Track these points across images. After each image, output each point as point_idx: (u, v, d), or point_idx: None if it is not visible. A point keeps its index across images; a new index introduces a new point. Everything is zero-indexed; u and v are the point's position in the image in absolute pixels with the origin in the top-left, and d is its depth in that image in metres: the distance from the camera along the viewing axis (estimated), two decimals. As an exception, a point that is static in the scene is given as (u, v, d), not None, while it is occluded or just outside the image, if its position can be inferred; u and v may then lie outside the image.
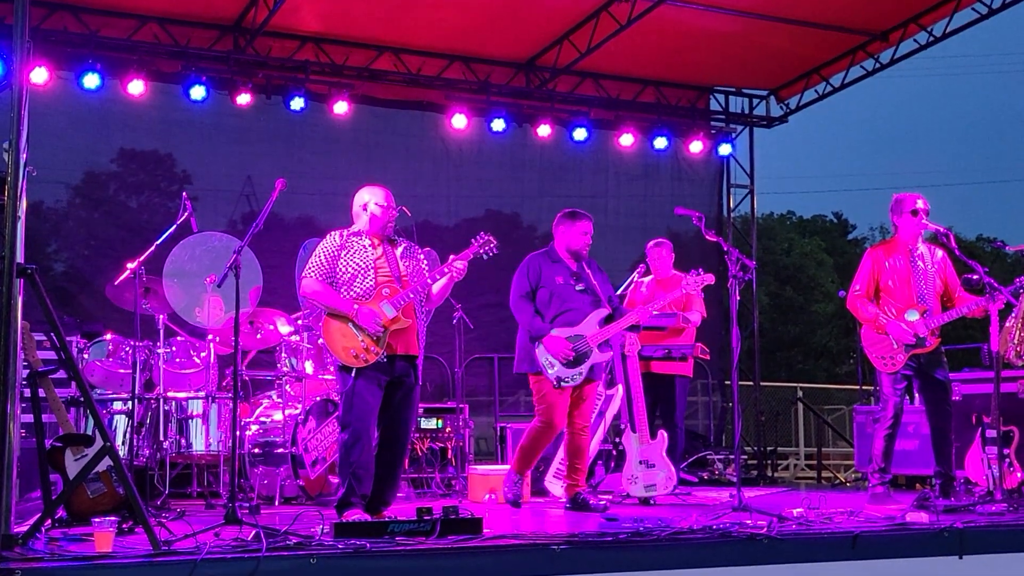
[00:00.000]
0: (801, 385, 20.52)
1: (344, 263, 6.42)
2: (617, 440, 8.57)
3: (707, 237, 7.14)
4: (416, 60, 11.67)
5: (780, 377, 28.91)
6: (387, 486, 6.35)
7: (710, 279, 7.69)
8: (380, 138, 11.82)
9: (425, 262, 6.65)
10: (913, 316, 7.47)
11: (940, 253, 7.75)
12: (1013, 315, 7.73)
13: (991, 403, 7.29)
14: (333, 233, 6.56)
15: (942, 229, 7.50)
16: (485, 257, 6.60)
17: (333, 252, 6.45)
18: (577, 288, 7.52)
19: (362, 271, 6.40)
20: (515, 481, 7.72)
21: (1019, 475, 7.65)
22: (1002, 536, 5.93)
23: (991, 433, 7.43)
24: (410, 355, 6.43)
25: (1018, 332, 7.71)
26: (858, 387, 11.76)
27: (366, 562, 4.71)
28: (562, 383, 7.35)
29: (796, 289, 36.19)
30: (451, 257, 6.50)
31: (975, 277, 7.37)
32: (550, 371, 7.35)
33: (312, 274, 6.45)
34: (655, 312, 8.04)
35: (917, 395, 7.87)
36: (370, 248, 6.47)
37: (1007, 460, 7.55)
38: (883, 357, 7.55)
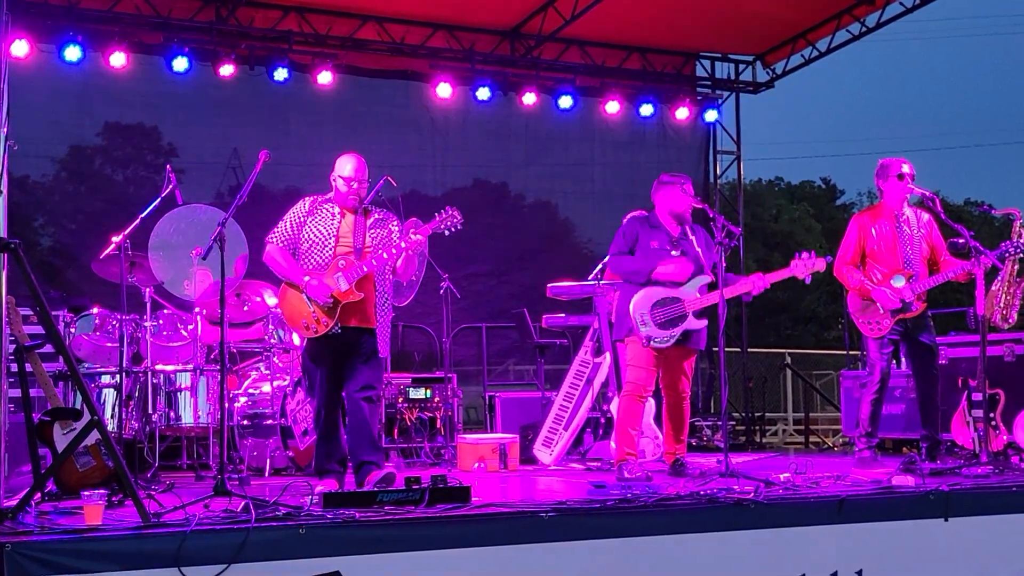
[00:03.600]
0: (789, 351, 20.55)
1: (308, 231, 6.50)
2: (605, 408, 8.62)
3: (692, 203, 7.16)
4: (400, 29, 11.60)
5: (769, 343, 28.95)
6: (362, 451, 6.34)
7: (820, 265, 7.10)
8: (365, 108, 11.78)
9: (397, 235, 6.60)
10: (899, 281, 7.51)
11: (926, 217, 7.78)
12: (999, 279, 7.79)
13: (977, 366, 7.33)
14: (304, 199, 6.62)
15: (928, 193, 7.54)
16: (447, 232, 6.49)
17: (299, 219, 6.54)
18: (673, 253, 7.30)
19: (322, 241, 6.47)
20: (625, 460, 7.23)
21: (1005, 438, 7.71)
22: (987, 498, 6.01)
23: (977, 396, 7.48)
24: (366, 327, 6.46)
25: (1004, 295, 7.77)
26: (845, 352, 11.83)
27: (355, 531, 4.76)
28: (652, 342, 7.12)
29: (784, 255, 36.21)
30: (410, 229, 6.47)
31: (961, 241, 7.42)
32: (642, 329, 7.12)
33: (275, 240, 6.56)
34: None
35: (904, 359, 7.92)
36: (337, 217, 6.52)
37: (993, 423, 7.60)
38: (869, 322, 7.60)
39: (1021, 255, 7.54)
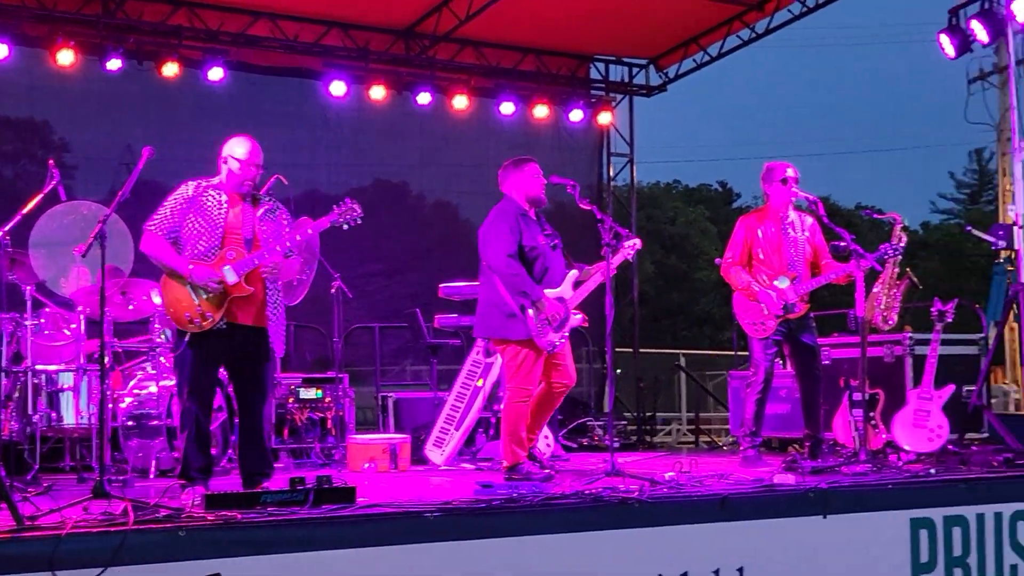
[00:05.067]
0: (684, 352, 20.83)
1: (192, 219, 6.08)
2: (496, 408, 8.65)
3: (580, 205, 7.20)
4: (293, 26, 11.50)
5: (664, 344, 29.36)
6: (253, 458, 6.18)
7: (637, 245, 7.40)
8: (257, 105, 11.64)
9: (288, 228, 6.30)
10: (783, 283, 7.67)
11: (810, 221, 7.96)
12: (880, 281, 7.99)
13: (858, 367, 7.52)
14: (187, 184, 6.20)
15: (812, 197, 7.71)
16: (347, 226, 6.27)
17: (181, 206, 6.12)
18: (552, 246, 7.21)
19: (208, 230, 6.08)
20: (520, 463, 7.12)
21: (884, 436, 7.91)
22: (864, 495, 6.15)
23: (857, 396, 7.66)
24: (258, 327, 6.12)
25: (884, 298, 7.98)
26: (734, 353, 12.03)
27: (237, 533, 4.71)
28: (554, 348, 7.04)
29: (680, 257, 36.79)
30: (303, 222, 6.25)
31: (842, 244, 7.59)
32: (549, 336, 7.02)
33: (153, 228, 6.10)
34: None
35: (789, 360, 8.10)
36: (225, 205, 6.13)
37: (872, 422, 7.81)
38: (754, 323, 7.75)
39: (900, 258, 7.75)
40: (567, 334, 7.20)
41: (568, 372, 7.25)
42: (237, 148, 6.24)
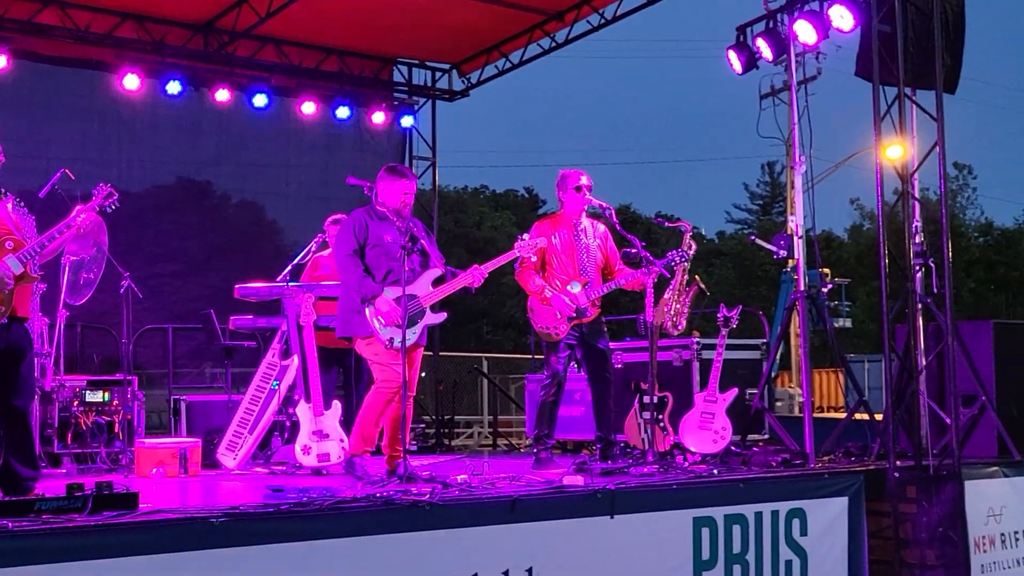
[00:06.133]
0: (487, 355, 21.05)
1: None
2: (291, 411, 8.55)
3: (377, 208, 7.19)
4: (84, 16, 11.10)
5: (469, 347, 29.54)
6: (23, 467, 5.90)
7: (542, 243, 7.68)
8: (45, 96, 11.19)
9: (33, 220, 6.13)
10: (575, 288, 7.83)
11: (602, 228, 8.15)
12: (670, 287, 8.22)
13: (648, 371, 7.73)
14: None
15: (604, 205, 7.89)
16: (109, 210, 6.17)
17: None
18: (402, 247, 6.93)
19: None
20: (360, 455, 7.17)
21: (672, 438, 8.15)
22: (650, 496, 6.31)
23: (648, 399, 7.86)
24: (23, 317, 5.95)
25: (674, 303, 8.21)
26: (531, 356, 12.21)
27: (7, 542, 4.50)
28: (395, 343, 6.91)
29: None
30: (75, 208, 6.05)
31: (633, 251, 7.79)
32: (383, 332, 6.93)
33: None
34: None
35: (582, 364, 8.26)
36: None
37: (661, 424, 8.03)
38: (547, 327, 7.88)
39: (688, 265, 8.00)
40: (419, 333, 7.14)
41: (412, 380, 7.18)
42: None
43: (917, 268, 7.81)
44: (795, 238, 8.21)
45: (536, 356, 11.86)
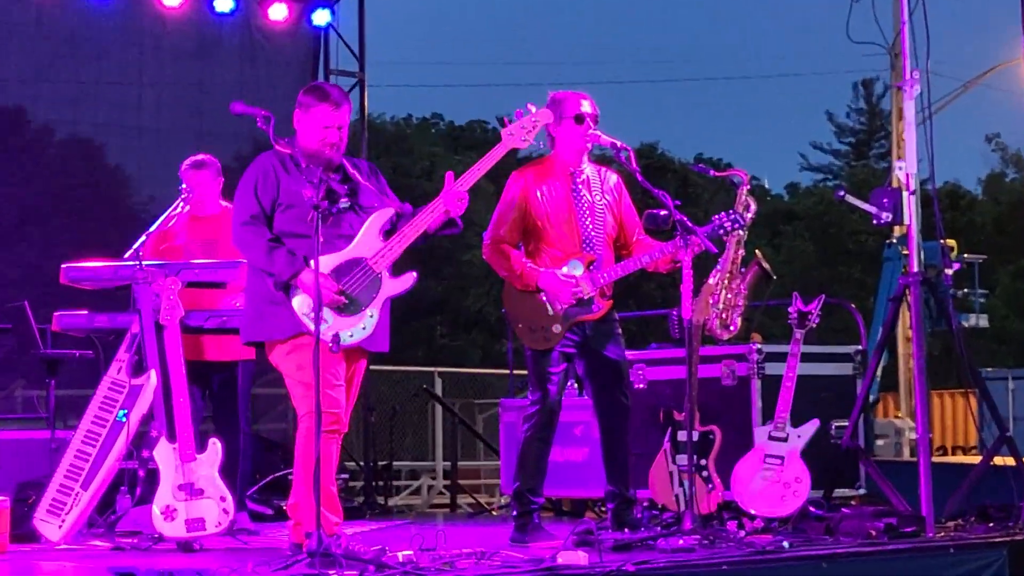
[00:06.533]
0: (441, 369, 20.90)
1: None
2: (146, 454, 8.51)
3: (277, 147, 7.10)
4: None
5: (415, 357, 29.49)
6: None
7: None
8: None
9: None
10: (576, 269, 7.78)
11: (615, 178, 8.11)
12: (718, 268, 8.20)
13: (685, 393, 7.70)
14: None
15: (618, 144, 7.82)
16: None
17: None
18: (341, 205, 6.93)
19: None
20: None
21: (719, 495, 8.13)
22: (688, 582, 6.33)
23: (684, 436, 7.83)
24: None
25: (724, 291, 8.18)
26: (509, 372, 12.18)
27: None
28: (342, 341, 6.74)
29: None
30: None
31: (663, 213, 7.73)
32: (322, 327, 6.57)
33: None
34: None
35: (584, 383, 8.21)
36: None
37: (704, 474, 8.01)
38: (533, 328, 7.82)
39: (743, 234, 7.98)
40: (371, 320, 6.93)
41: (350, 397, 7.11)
42: None
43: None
44: (905, 194, 8.18)
45: (516, 372, 11.85)
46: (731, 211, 7.92)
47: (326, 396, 6.69)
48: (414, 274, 7.05)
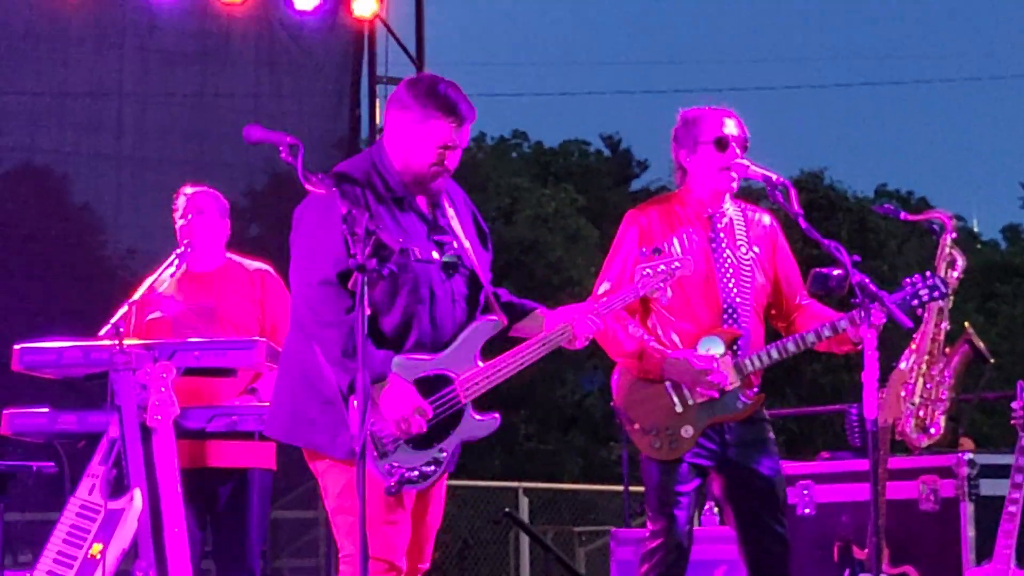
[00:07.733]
0: (528, 485, 20.94)
1: None
2: (130, 604, 8.59)
3: (305, 184, 7.07)
4: None
5: (490, 467, 29.55)
6: None
7: None
8: None
9: None
10: (716, 348, 7.77)
11: (768, 222, 8.10)
12: (913, 349, 8.17)
13: (868, 521, 7.67)
14: None
15: (775, 178, 7.78)
16: None
17: None
18: (442, 258, 6.78)
19: None
20: None
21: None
22: None
23: (869, 580, 7.83)
24: None
25: (921, 381, 8.15)
26: (623, 488, 12.19)
27: None
28: (406, 485, 6.67)
29: (527, 285, 37.15)
30: None
31: (835, 272, 7.69)
32: (380, 461, 6.59)
33: None
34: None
35: (724, 507, 8.20)
36: None
37: (897, 633, 7.99)
38: (655, 431, 7.83)
39: (948, 303, 7.95)
40: (445, 451, 6.86)
41: (424, 542, 7.06)
42: None
43: None
44: None
45: (632, 488, 11.85)
46: (930, 273, 7.87)
47: (379, 535, 6.61)
48: (496, 416, 6.97)
